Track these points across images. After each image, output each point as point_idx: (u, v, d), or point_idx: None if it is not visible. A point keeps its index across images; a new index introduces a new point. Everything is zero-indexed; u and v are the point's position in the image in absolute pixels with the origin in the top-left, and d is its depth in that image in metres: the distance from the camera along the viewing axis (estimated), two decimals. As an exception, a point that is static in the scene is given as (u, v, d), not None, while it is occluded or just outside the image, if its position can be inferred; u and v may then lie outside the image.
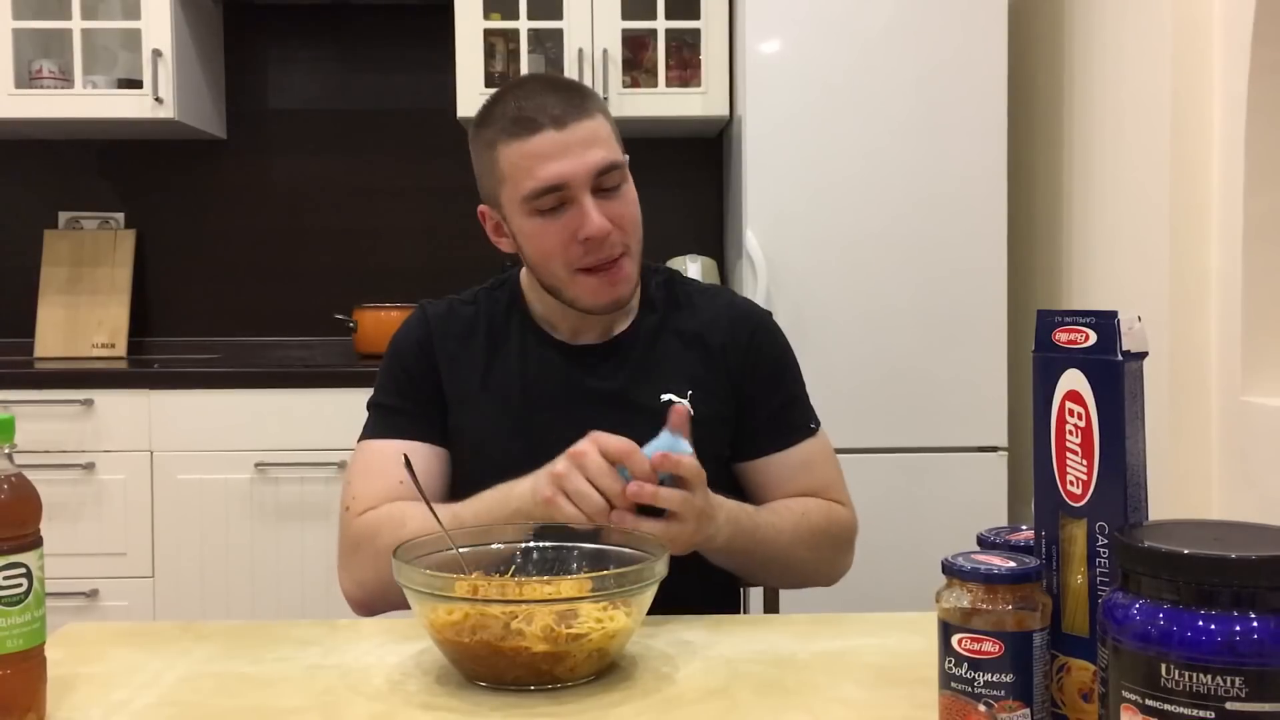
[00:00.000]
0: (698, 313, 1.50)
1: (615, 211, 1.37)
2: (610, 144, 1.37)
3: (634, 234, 1.40)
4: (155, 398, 2.92)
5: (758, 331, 1.50)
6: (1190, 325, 2.33)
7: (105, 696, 1.04)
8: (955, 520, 2.76)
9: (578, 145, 1.33)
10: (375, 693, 1.04)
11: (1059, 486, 0.87)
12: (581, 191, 1.34)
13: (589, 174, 1.34)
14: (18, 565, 0.93)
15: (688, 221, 3.56)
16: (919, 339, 2.84)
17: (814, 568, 1.44)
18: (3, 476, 0.97)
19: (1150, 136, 2.45)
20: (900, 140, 2.84)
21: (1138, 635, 0.73)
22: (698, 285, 1.56)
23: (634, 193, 1.41)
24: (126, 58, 3.30)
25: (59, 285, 3.45)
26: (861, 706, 1.00)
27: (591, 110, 1.36)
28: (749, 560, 1.37)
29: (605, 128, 1.37)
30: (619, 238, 1.37)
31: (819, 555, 1.43)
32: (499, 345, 1.48)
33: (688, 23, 3.19)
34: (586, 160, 1.33)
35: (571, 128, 1.33)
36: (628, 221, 1.38)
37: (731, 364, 1.47)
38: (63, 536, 2.90)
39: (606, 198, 1.36)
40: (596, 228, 1.34)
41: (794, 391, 1.51)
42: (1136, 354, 0.84)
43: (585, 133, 1.33)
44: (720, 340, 1.48)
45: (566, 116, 1.33)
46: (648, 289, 1.51)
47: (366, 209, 3.56)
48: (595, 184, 1.35)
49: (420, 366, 1.46)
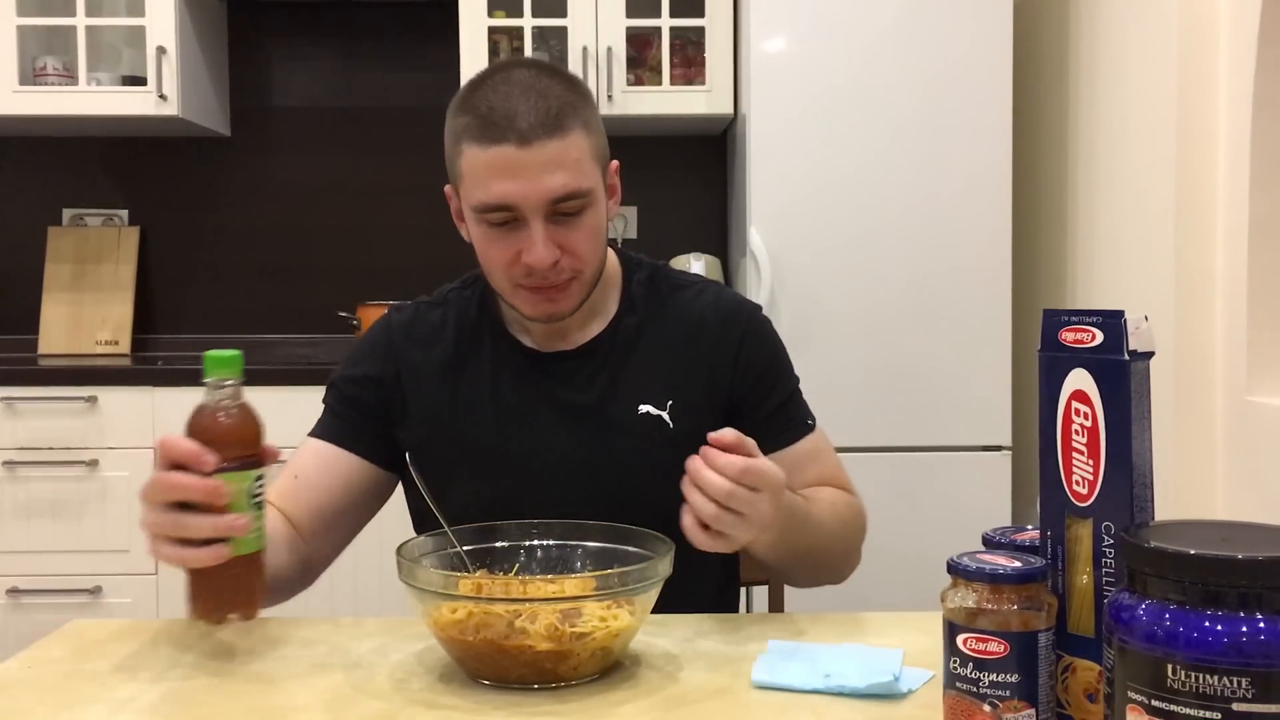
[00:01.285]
0: (682, 313, 1.42)
1: (569, 240, 1.27)
2: (578, 168, 1.25)
3: (590, 260, 1.30)
4: (159, 395, 2.92)
5: (747, 334, 1.42)
6: (1195, 325, 2.32)
7: (109, 693, 1.04)
8: (959, 520, 2.76)
9: (538, 168, 1.22)
10: (379, 691, 1.04)
11: (1065, 486, 0.87)
12: (533, 216, 1.24)
13: (543, 201, 1.24)
14: (261, 477, 1.09)
15: (692, 220, 3.56)
16: (923, 337, 2.84)
17: (841, 559, 1.40)
18: (239, 404, 1.10)
19: (1155, 135, 2.45)
20: (905, 138, 2.84)
21: (1144, 636, 0.72)
22: (682, 280, 1.47)
23: (597, 218, 1.30)
24: (131, 55, 3.30)
25: (63, 282, 3.45)
26: (866, 706, 0.99)
27: (567, 126, 1.24)
28: (790, 553, 1.27)
29: (579, 146, 1.25)
30: (568, 264, 1.28)
31: (847, 545, 1.40)
32: (468, 354, 1.41)
33: (692, 21, 3.19)
34: (543, 186, 1.23)
35: (536, 147, 1.22)
36: (582, 249, 1.28)
37: (719, 371, 1.40)
38: (66, 533, 2.90)
39: (562, 224, 1.26)
40: (540, 259, 1.25)
41: (789, 390, 1.44)
42: (1143, 354, 0.84)
43: (549, 155, 1.22)
44: (706, 344, 1.41)
45: (533, 133, 1.21)
46: (629, 286, 1.44)
47: (370, 206, 3.56)
48: (551, 210, 1.25)
49: (367, 395, 1.41)
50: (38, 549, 2.90)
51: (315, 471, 1.38)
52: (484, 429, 1.39)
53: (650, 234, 3.55)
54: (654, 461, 1.30)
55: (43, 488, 2.90)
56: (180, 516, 1.04)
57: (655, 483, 1.22)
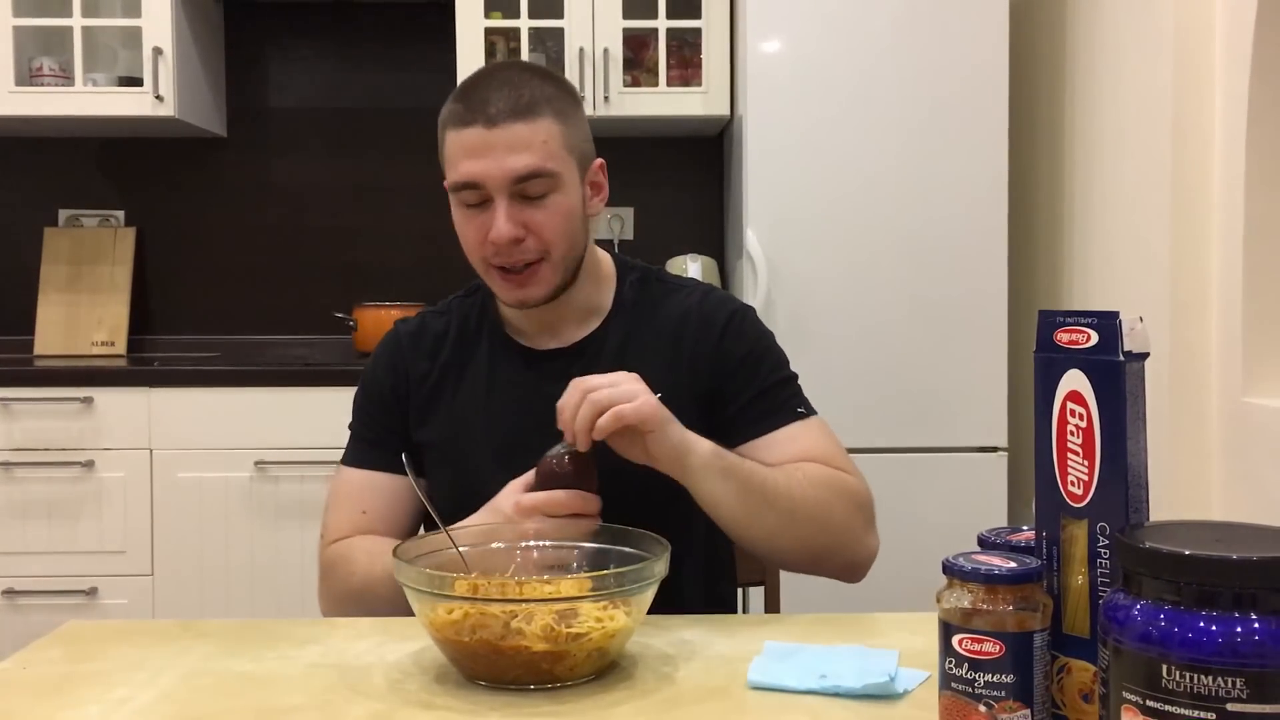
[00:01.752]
0: (670, 314, 1.46)
1: (533, 220, 1.33)
2: (544, 151, 1.32)
3: (557, 242, 1.35)
4: (155, 396, 2.92)
5: (728, 327, 1.44)
6: (1191, 326, 2.32)
7: (105, 694, 1.04)
8: (955, 521, 2.76)
9: (502, 148, 1.30)
10: (374, 692, 1.04)
11: (1060, 487, 0.87)
12: (498, 194, 1.32)
13: (505, 178, 1.31)
14: None
15: (688, 221, 3.56)
16: (919, 339, 2.84)
17: (828, 517, 1.31)
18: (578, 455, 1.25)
19: (1151, 137, 2.45)
20: (901, 140, 2.84)
21: (1139, 636, 0.73)
22: (674, 283, 1.51)
23: (566, 201, 1.35)
24: (127, 55, 3.30)
25: (59, 283, 3.45)
26: (861, 707, 0.99)
27: (536, 113, 1.31)
28: (747, 497, 1.26)
29: (547, 132, 1.32)
30: (533, 244, 1.34)
31: (829, 503, 1.32)
32: (468, 354, 1.48)
33: (689, 22, 3.19)
34: (505, 165, 1.30)
35: (501, 129, 1.30)
36: (547, 230, 1.34)
37: (700, 367, 1.43)
38: (62, 534, 2.90)
39: (527, 205, 1.33)
40: (499, 234, 1.32)
41: (772, 379, 1.44)
42: (1138, 355, 0.84)
43: (514, 136, 1.30)
44: (690, 340, 1.44)
45: (501, 116, 1.30)
46: (622, 288, 1.48)
47: (367, 207, 3.55)
48: (516, 190, 1.32)
49: (387, 396, 1.48)
50: (34, 550, 2.90)
51: (381, 502, 1.44)
52: (481, 426, 1.44)
53: (647, 235, 3.55)
54: None
55: (39, 489, 2.90)
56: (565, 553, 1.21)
57: (643, 476, 1.26)
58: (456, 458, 1.44)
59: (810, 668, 1.06)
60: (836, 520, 1.33)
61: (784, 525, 1.30)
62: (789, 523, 1.29)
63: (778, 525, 1.29)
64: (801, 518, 1.30)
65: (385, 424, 1.48)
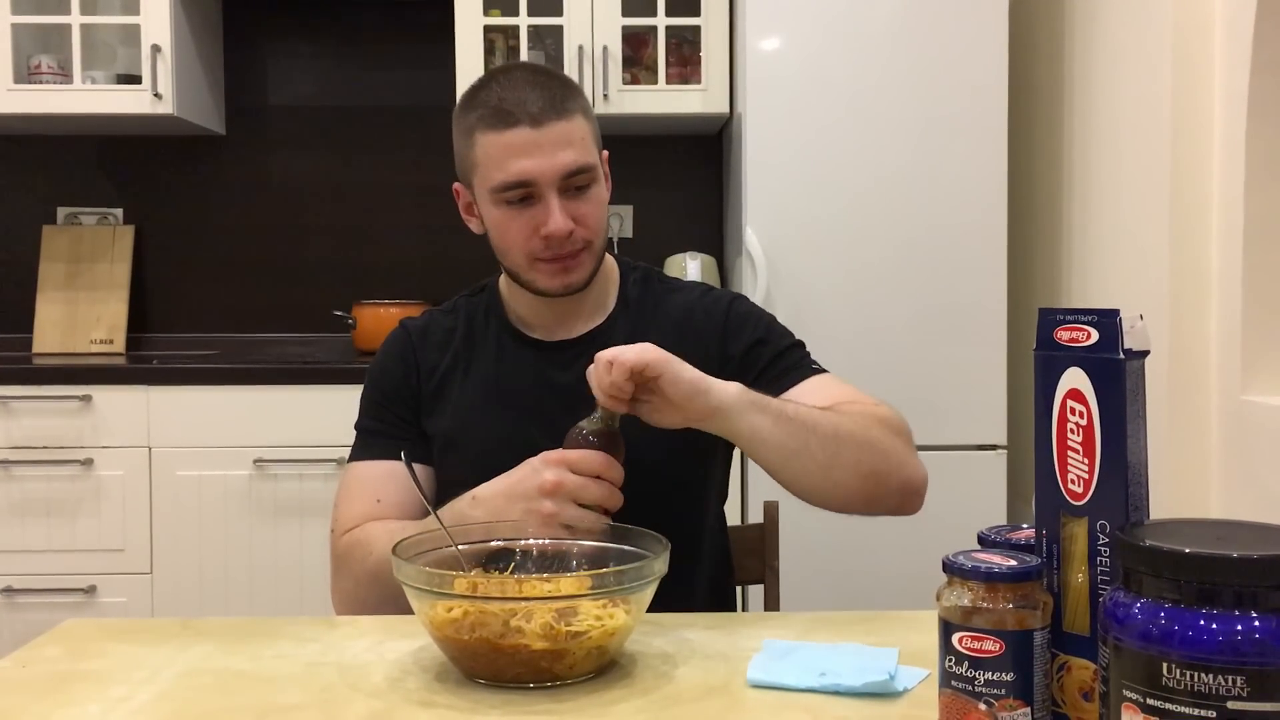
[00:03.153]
0: (672, 311, 1.50)
1: (580, 211, 1.39)
2: (584, 146, 1.38)
3: (597, 231, 1.42)
4: (154, 394, 2.91)
5: (730, 315, 1.49)
6: (1190, 323, 2.32)
7: (104, 693, 1.04)
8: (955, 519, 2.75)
9: (550, 145, 1.35)
10: (374, 690, 1.04)
11: (1060, 485, 0.87)
12: (549, 190, 1.36)
13: (557, 174, 1.36)
14: None
15: (688, 219, 3.56)
16: (919, 336, 2.84)
17: (873, 440, 1.30)
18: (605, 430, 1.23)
19: (1151, 134, 2.45)
20: (900, 138, 2.84)
21: (1139, 634, 0.72)
22: (675, 283, 1.56)
23: (603, 192, 1.43)
24: (125, 53, 3.29)
25: (58, 281, 3.45)
26: (861, 705, 0.99)
27: (571, 110, 1.37)
28: (788, 425, 1.25)
29: (582, 128, 1.39)
30: (581, 234, 1.39)
31: (869, 427, 1.31)
32: (476, 347, 1.51)
33: (688, 20, 3.19)
34: (557, 161, 1.35)
35: (547, 127, 1.35)
36: (592, 221, 1.40)
37: (711, 349, 1.46)
38: (61, 533, 2.90)
39: (574, 197, 1.38)
40: (558, 227, 1.36)
41: (784, 345, 1.48)
42: (1138, 352, 0.84)
43: (559, 133, 1.35)
44: (694, 335, 1.47)
45: (544, 115, 1.35)
46: (625, 287, 1.53)
47: (366, 205, 3.55)
48: (563, 184, 1.37)
49: (399, 386, 1.50)
50: (32, 548, 2.89)
51: (395, 490, 1.43)
52: (490, 414, 1.46)
53: (646, 233, 3.55)
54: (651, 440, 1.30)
55: (37, 487, 2.90)
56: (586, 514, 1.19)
57: (651, 460, 1.27)
58: (466, 445, 1.46)
59: (810, 666, 1.06)
60: (882, 442, 1.32)
61: (832, 453, 1.27)
62: (836, 449, 1.27)
63: (825, 454, 1.27)
64: (848, 442, 1.28)
65: (397, 414, 1.49)
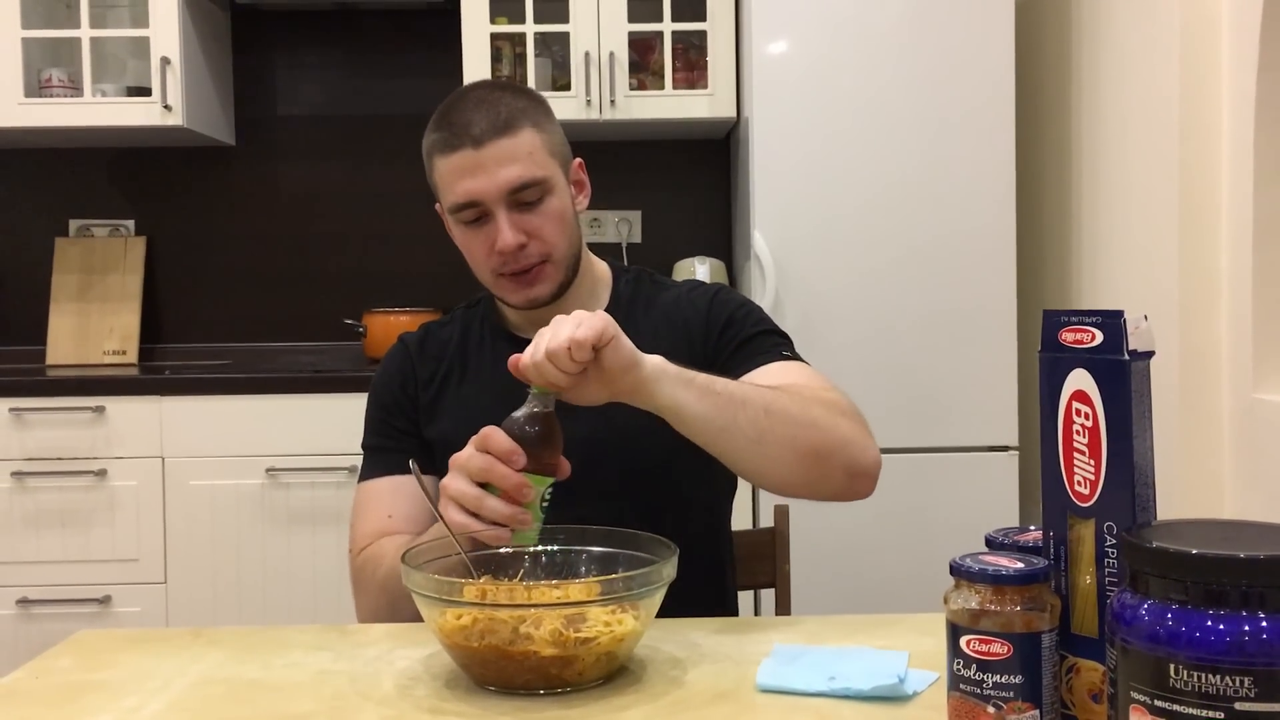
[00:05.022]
0: (663, 306, 1.52)
1: (533, 225, 1.41)
2: (531, 160, 1.39)
3: (557, 242, 1.43)
4: (166, 404, 2.93)
5: (714, 301, 1.50)
6: (1201, 322, 2.32)
7: (116, 703, 1.04)
8: (966, 521, 2.75)
9: (493, 163, 1.37)
10: (384, 698, 1.04)
11: (1067, 487, 0.87)
12: (496, 207, 1.39)
13: (502, 192, 1.38)
14: (552, 486, 1.18)
15: (696, 224, 3.56)
16: (928, 338, 2.84)
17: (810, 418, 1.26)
18: (549, 415, 1.17)
19: (1159, 133, 2.45)
20: (908, 140, 2.84)
21: (1146, 636, 0.72)
22: (666, 282, 1.58)
23: (559, 203, 1.43)
24: (135, 65, 3.31)
25: (70, 292, 3.46)
26: (871, 709, 0.99)
27: (516, 127, 1.39)
28: (713, 399, 1.21)
29: (530, 143, 1.39)
30: (536, 248, 1.41)
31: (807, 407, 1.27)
32: (471, 353, 1.53)
33: (694, 25, 3.19)
34: (499, 179, 1.38)
35: (488, 146, 1.37)
36: (546, 233, 1.42)
37: (695, 339, 1.48)
38: (75, 543, 2.91)
39: (525, 211, 1.40)
40: (506, 243, 1.39)
41: (757, 330, 1.47)
42: (1143, 353, 0.84)
43: (502, 151, 1.37)
44: (681, 326, 1.49)
45: (485, 135, 1.37)
46: (617, 287, 1.55)
47: (375, 214, 3.56)
48: (512, 199, 1.39)
49: (398, 399, 1.52)
50: (47, 559, 2.91)
51: (405, 504, 1.45)
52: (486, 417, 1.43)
53: (654, 238, 3.55)
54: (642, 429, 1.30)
55: (51, 498, 2.91)
56: (484, 495, 1.14)
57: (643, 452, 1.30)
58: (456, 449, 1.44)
59: (819, 669, 1.06)
60: (822, 421, 1.27)
61: (763, 429, 1.23)
62: (768, 425, 1.23)
63: (755, 430, 1.22)
64: (781, 418, 1.24)
65: (399, 428, 1.51)
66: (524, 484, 1.14)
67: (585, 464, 1.41)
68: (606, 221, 3.54)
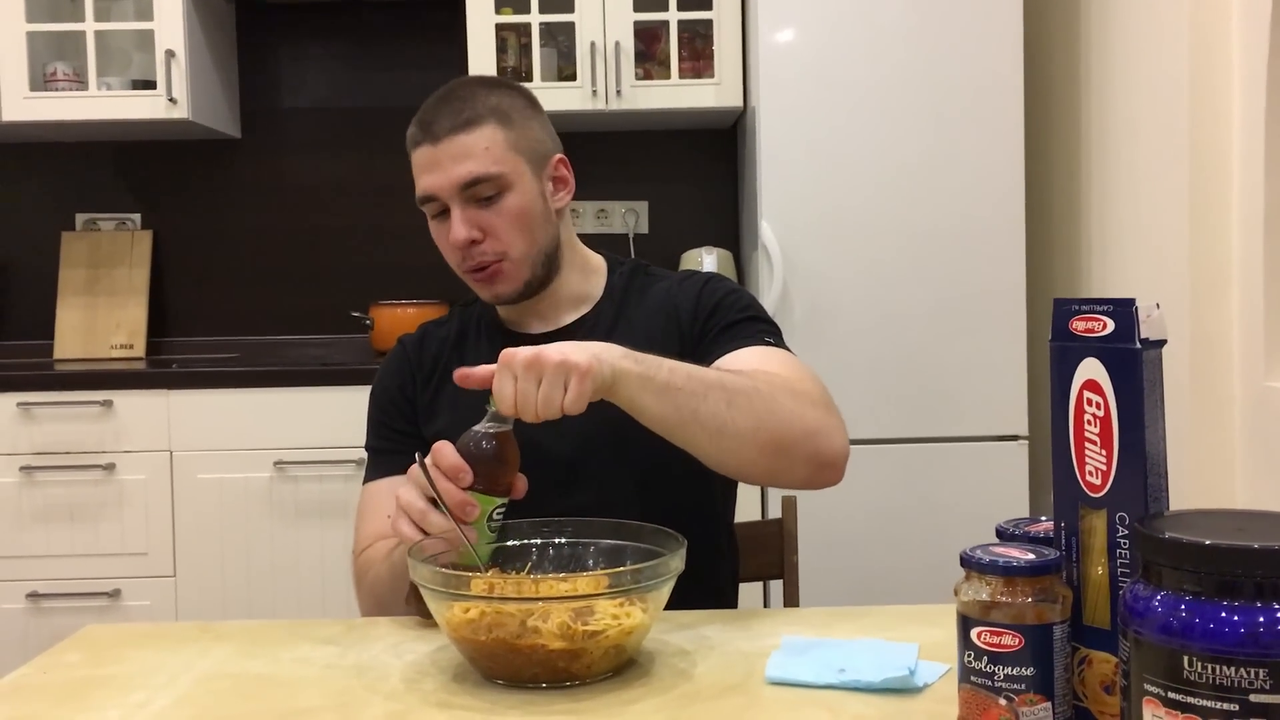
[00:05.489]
0: (656, 296, 1.52)
1: (486, 222, 1.42)
2: (488, 157, 1.40)
3: (513, 240, 1.43)
4: (174, 398, 2.93)
5: (704, 288, 1.49)
6: (1212, 311, 2.30)
7: (123, 698, 1.04)
8: (975, 511, 2.75)
9: (447, 160, 1.40)
10: (392, 692, 1.04)
11: (1078, 477, 0.86)
12: (451, 202, 1.42)
13: (454, 187, 1.40)
14: (504, 505, 1.17)
15: (703, 214, 3.55)
16: (936, 327, 2.82)
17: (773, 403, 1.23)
18: (504, 435, 1.16)
19: (1169, 121, 2.43)
20: (916, 129, 2.82)
21: (1159, 627, 0.72)
22: (660, 272, 1.57)
23: (519, 201, 1.43)
24: (140, 59, 3.30)
25: (77, 287, 3.47)
26: (881, 701, 0.99)
27: (476, 123, 1.41)
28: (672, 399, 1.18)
29: (489, 139, 1.41)
30: (491, 245, 1.43)
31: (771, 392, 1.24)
32: (468, 347, 1.55)
33: (700, 13, 3.18)
34: (451, 175, 1.40)
35: (445, 143, 1.40)
36: (500, 230, 1.42)
37: (684, 325, 1.47)
38: (84, 537, 2.91)
39: (481, 207, 1.42)
40: (455, 237, 1.41)
41: (742, 316, 1.45)
42: (1155, 342, 0.83)
43: (458, 148, 1.40)
44: (673, 313, 1.48)
45: (443, 132, 1.41)
46: (612, 278, 1.56)
47: (382, 206, 3.56)
48: (467, 195, 1.41)
49: (396, 399, 1.54)
50: (56, 553, 2.91)
51: None
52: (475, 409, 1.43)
53: (661, 228, 3.54)
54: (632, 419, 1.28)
55: (60, 492, 2.91)
56: (428, 510, 1.14)
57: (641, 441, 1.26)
58: None
59: (829, 662, 1.05)
60: (785, 411, 1.24)
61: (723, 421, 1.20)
62: (729, 416, 1.20)
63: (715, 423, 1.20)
64: (744, 410, 1.21)
65: (399, 429, 1.52)
66: (467, 502, 1.12)
67: (583, 453, 1.42)
68: (613, 212, 3.53)
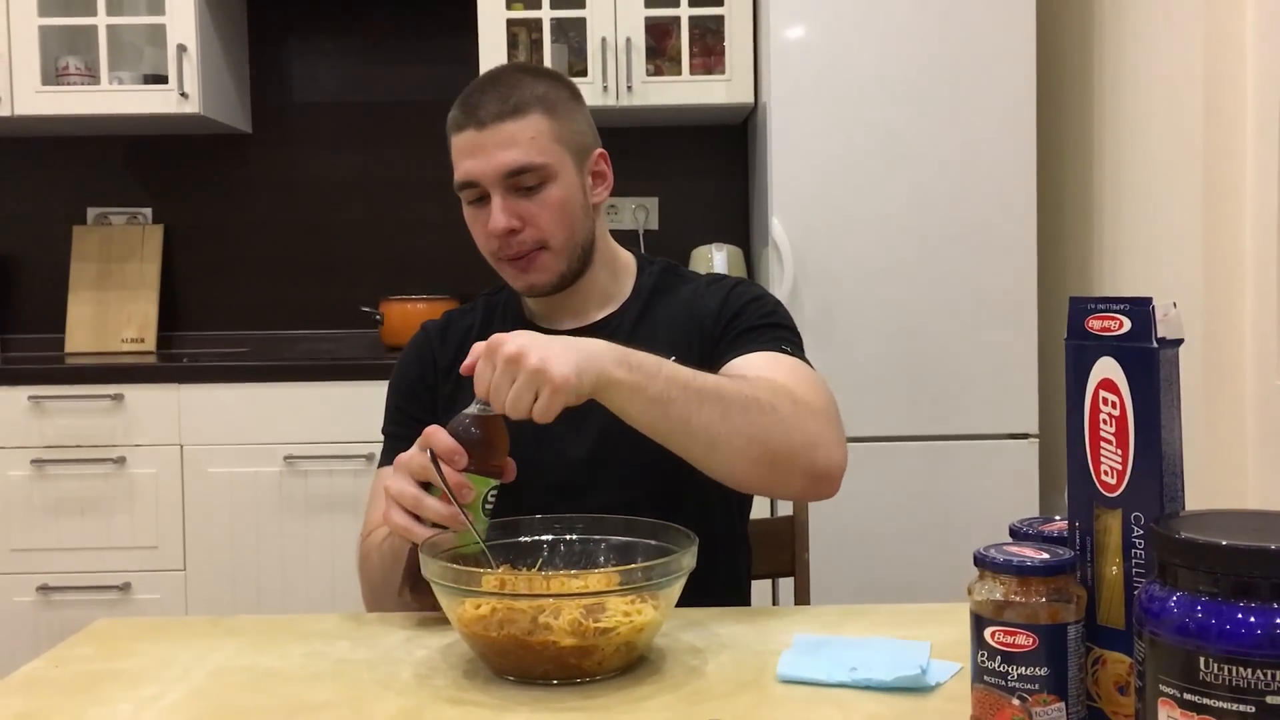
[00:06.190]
0: (683, 298, 1.51)
1: (527, 211, 1.40)
2: (533, 146, 1.38)
3: (554, 231, 1.42)
4: (185, 392, 2.93)
5: (731, 293, 1.48)
6: (1225, 309, 2.29)
7: (135, 691, 1.04)
8: (987, 510, 2.74)
9: (493, 146, 1.38)
10: (403, 687, 1.04)
11: (1093, 476, 0.85)
12: (493, 189, 1.39)
13: (497, 175, 1.38)
14: (496, 488, 1.17)
15: (714, 210, 3.55)
16: (948, 325, 2.82)
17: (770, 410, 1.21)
18: (496, 419, 1.15)
19: (1182, 117, 2.42)
20: (927, 125, 2.81)
21: (1175, 628, 0.71)
22: (689, 274, 1.56)
23: (561, 192, 1.41)
24: (152, 53, 3.31)
25: (88, 281, 3.47)
26: (893, 700, 0.98)
27: (524, 111, 1.39)
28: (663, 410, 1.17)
29: (536, 127, 1.39)
30: (531, 235, 1.41)
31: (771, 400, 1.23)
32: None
33: (711, 9, 3.17)
34: (496, 162, 1.38)
35: (491, 129, 1.38)
36: (542, 220, 1.41)
37: (706, 329, 1.46)
38: (95, 530, 2.92)
39: (522, 197, 1.40)
40: (495, 225, 1.39)
41: (761, 322, 1.43)
42: (1172, 341, 0.83)
43: (504, 135, 1.38)
44: (700, 314, 1.47)
45: (490, 118, 1.38)
46: (641, 277, 1.54)
47: (392, 201, 3.56)
48: (510, 183, 1.39)
49: (415, 387, 1.53)
50: (67, 546, 2.92)
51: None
52: None
53: (672, 224, 3.54)
54: None
55: (71, 485, 2.92)
56: (422, 495, 1.14)
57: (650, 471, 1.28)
58: None
59: (840, 660, 1.05)
60: (782, 424, 1.21)
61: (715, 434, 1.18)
62: (722, 428, 1.18)
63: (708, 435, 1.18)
64: (739, 423, 1.19)
65: (417, 416, 1.49)
66: (464, 484, 1.13)
67: (599, 452, 1.41)
68: (624, 208, 3.53)
